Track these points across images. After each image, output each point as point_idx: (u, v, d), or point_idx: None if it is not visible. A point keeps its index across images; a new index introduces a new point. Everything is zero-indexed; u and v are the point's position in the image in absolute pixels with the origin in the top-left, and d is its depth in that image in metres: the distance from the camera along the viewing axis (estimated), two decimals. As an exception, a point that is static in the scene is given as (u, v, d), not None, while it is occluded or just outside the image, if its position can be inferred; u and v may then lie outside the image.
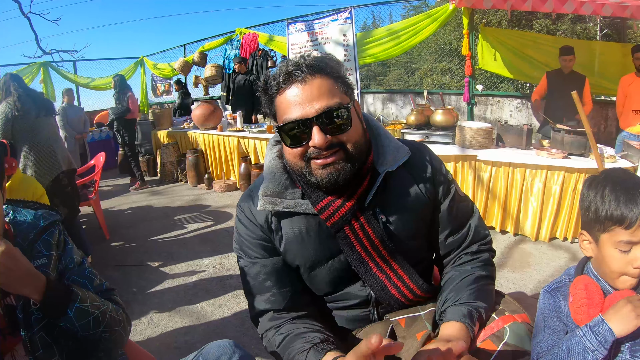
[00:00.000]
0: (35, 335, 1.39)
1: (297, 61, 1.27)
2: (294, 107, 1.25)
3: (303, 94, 1.24)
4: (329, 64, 1.28)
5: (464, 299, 1.31)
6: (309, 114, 1.22)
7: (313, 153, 1.27)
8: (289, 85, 1.26)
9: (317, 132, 1.22)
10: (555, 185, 4.12)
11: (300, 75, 1.24)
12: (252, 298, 1.46)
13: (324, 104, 1.22)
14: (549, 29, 13.09)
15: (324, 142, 1.23)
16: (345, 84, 1.31)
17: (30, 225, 1.50)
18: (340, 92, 1.28)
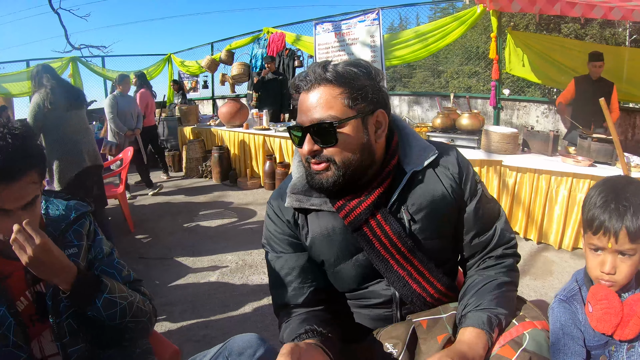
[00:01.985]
0: (63, 322, 1.44)
1: (313, 68, 1.32)
2: (299, 112, 1.33)
3: (305, 102, 1.31)
4: (344, 74, 1.29)
5: (485, 305, 1.31)
6: (304, 123, 1.30)
7: (307, 158, 1.35)
8: (300, 91, 1.33)
9: (307, 141, 1.30)
10: (580, 193, 4.07)
11: (307, 83, 1.30)
12: (275, 291, 1.51)
13: (317, 116, 1.28)
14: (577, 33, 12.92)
15: (308, 151, 1.30)
16: (356, 96, 1.30)
17: (62, 215, 1.55)
18: (343, 105, 1.28)
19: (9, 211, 1.29)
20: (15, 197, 1.28)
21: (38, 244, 1.25)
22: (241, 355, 1.31)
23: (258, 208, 6.09)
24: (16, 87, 10.30)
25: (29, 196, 1.32)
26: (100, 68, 12.03)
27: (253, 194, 6.87)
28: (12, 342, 1.35)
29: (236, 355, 1.32)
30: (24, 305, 1.43)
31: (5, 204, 1.27)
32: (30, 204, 1.33)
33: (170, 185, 7.82)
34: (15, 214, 1.29)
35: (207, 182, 7.95)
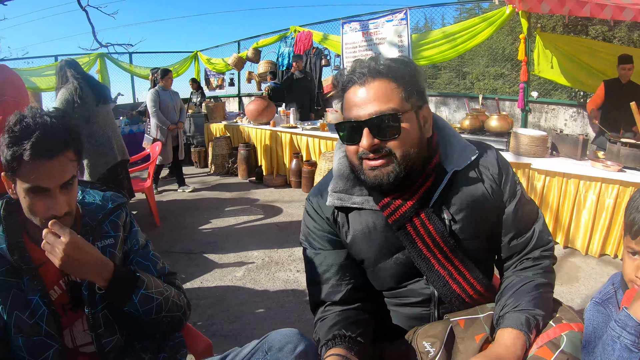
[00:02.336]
0: (98, 313, 1.45)
1: (365, 63, 1.33)
2: (352, 107, 1.31)
3: (360, 96, 1.30)
4: (397, 68, 1.31)
5: (523, 306, 1.31)
6: (362, 116, 1.28)
7: (362, 153, 1.32)
8: (352, 86, 1.32)
9: (366, 134, 1.28)
10: (609, 198, 4.02)
11: (362, 77, 1.30)
12: (312, 288, 1.52)
13: (376, 109, 1.27)
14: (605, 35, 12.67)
15: (370, 145, 1.28)
16: (411, 90, 1.32)
17: (99, 206, 1.56)
18: (399, 98, 1.29)
19: (47, 190, 1.30)
20: (54, 175, 1.30)
21: (67, 241, 1.26)
22: (281, 351, 1.30)
23: (284, 206, 6.13)
24: (44, 81, 10.47)
25: (67, 174, 1.33)
26: (128, 64, 12.18)
27: (279, 192, 6.91)
28: (45, 332, 1.37)
29: (276, 350, 1.31)
30: (57, 294, 1.45)
31: (44, 182, 1.29)
32: (68, 183, 1.35)
33: (196, 181, 7.90)
34: (53, 193, 1.31)
35: (233, 178, 8.02)
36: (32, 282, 1.37)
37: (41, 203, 1.32)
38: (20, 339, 1.35)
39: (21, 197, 1.33)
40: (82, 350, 1.50)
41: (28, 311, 1.36)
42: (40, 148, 1.26)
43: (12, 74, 2.60)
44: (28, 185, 1.29)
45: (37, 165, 1.27)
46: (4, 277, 1.35)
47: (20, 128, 1.28)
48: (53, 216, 1.31)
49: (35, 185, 1.29)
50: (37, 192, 1.30)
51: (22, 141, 1.26)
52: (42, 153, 1.27)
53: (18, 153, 1.26)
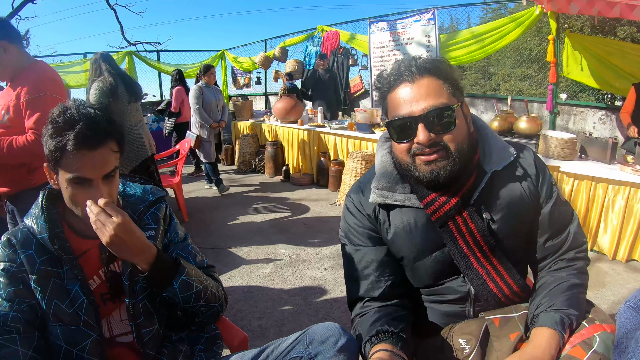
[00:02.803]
0: (138, 303, 1.47)
1: (409, 62, 1.36)
2: (403, 104, 1.34)
3: (411, 93, 1.33)
4: (439, 66, 1.36)
5: (557, 305, 1.33)
6: (415, 112, 1.31)
7: (417, 149, 1.34)
8: (399, 84, 1.35)
9: (422, 129, 1.30)
10: (638, 203, 3.98)
11: (410, 75, 1.33)
12: (351, 284, 1.54)
13: (430, 104, 1.30)
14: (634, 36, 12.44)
15: (427, 139, 1.30)
16: (454, 86, 1.38)
17: (140, 198, 1.59)
18: (447, 93, 1.34)
19: (90, 181, 1.33)
20: (97, 165, 1.33)
21: (119, 222, 1.28)
22: (323, 344, 1.32)
23: (311, 204, 6.17)
24: (73, 78, 10.64)
25: (109, 165, 1.36)
26: (156, 62, 12.31)
27: (306, 191, 6.94)
28: (84, 321, 1.39)
29: (318, 343, 1.33)
30: (96, 284, 1.47)
31: (87, 172, 1.32)
32: (110, 175, 1.38)
33: (223, 178, 7.89)
34: (95, 184, 1.34)
35: (259, 176, 8.09)
36: (71, 271, 1.40)
37: (84, 193, 1.34)
38: (58, 328, 1.38)
39: (63, 188, 1.37)
40: (118, 340, 1.53)
41: (67, 300, 1.39)
42: (83, 139, 1.29)
43: (51, 71, 2.69)
44: (71, 176, 1.32)
45: (80, 155, 1.30)
46: (44, 266, 1.38)
47: (64, 119, 1.31)
48: None
49: (78, 175, 1.32)
50: (79, 183, 1.34)
51: (66, 132, 1.29)
52: (85, 143, 1.30)
53: (62, 143, 1.29)
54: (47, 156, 1.36)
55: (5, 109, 2.52)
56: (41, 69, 2.64)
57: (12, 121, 2.50)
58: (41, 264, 1.38)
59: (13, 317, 1.32)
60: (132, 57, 11.71)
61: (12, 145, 2.43)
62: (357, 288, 1.51)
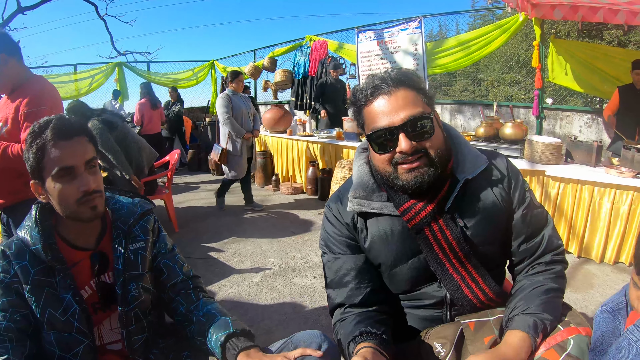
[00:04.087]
0: (130, 311, 1.54)
1: (383, 75, 1.39)
2: (381, 116, 1.36)
3: (389, 105, 1.35)
4: (412, 78, 1.40)
5: (531, 309, 1.35)
6: (395, 122, 1.34)
7: (400, 158, 1.37)
8: (376, 97, 1.37)
9: (403, 138, 1.33)
10: (624, 205, 4.02)
11: (386, 87, 1.36)
12: (331, 291, 1.56)
13: (409, 113, 1.33)
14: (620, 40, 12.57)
15: (410, 147, 1.33)
16: (427, 95, 1.41)
17: (129, 211, 1.66)
18: (422, 103, 1.38)
19: (73, 169, 1.41)
20: (77, 152, 1.42)
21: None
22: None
23: (300, 213, 6.19)
24: (63, 89, 10.66)
25: (89, 153, 1.45)
26: (146, 72, 12.35)
27: (296, 199, 6.96)
28: (76, 328, 1.45)
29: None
30: (87, 293, 1.52)
31: (69, 160, 1.40)
32: (92, 164, 1.46)
33: (214, 188, 7.88)
34: (79, 171, 1.42)
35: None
36: (64, 280, 1.46)
37: (71, 185, 1.42)
38: (52, 335, 1.44)
39: (52, 191, 1.43)
40: (109, 348, 1.58)
41: (61, 308, 1.44)
42: (59, 131, 1.40)
43: (51, 86, 2.72)
44: (56, 170, 1.40)
45: (59, 146, 1.39)
46: (38, 276, 1.43)
47: (38, 125, 1.42)
48: (85, 193, 1.42)
49: (62, 166, 1.40)
50: (64, 175, 1.41)
51: (43, 131, 1.40)
52: (62, 134, 1.40)
53: (40, 144, 1.39)
54: (30, 170, 1.44)
55: (4, 121, 2.55)
56: (41, 83, 2.68)
57: (9, 133, 2.53)
58: (35, 274, 1.43)
59: (6, 327, 1.37)
60: (122, 68, 11.74)
61: (7, 151, 2.46)
62: (338, 295, 1.53)
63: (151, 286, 1.66)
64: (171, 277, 1.70)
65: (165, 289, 1.69)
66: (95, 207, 1.46)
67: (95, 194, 1.45)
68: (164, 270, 1.70)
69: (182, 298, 1.67)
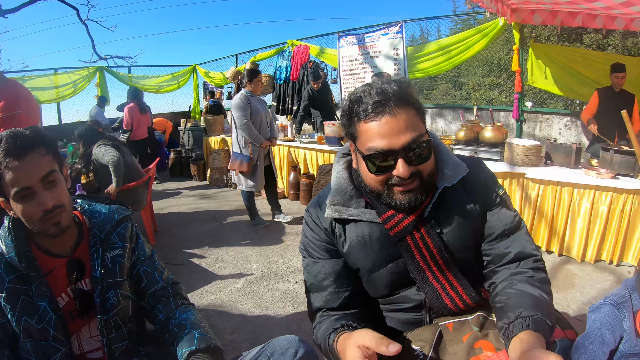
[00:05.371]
0: (110, 319, 1.52)
1: (384, 89, 1.31)
2: (381, 137, 1.29)
3: (390, 126, 1.29)
4: (411, 93, 1.34)
5: (534, 312, 1.24)
6: (396, 146, 1.28)
7: (395, 181, 1.34)
8: (377, 115, 1.30)
9: (402, 163, 1.29)
10: (603, 206, 4.07)
11: (389, 107, 1.28)
12: (310, 295, 1.57)
13: (410, 137, 1.28)
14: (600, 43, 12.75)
15: (408, 173, 1.30)
16: (422, 112, 1.37)
17: (106, 218, 1.64)
18: (420, 122, 1.34)
19: (29, 188, 1.38)
20: (29, 171, 1.37)
21: None
22: (284, 355, 1.37)
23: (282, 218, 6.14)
24: (44, 94, 10.56)
25: (42, 169, 1.40)
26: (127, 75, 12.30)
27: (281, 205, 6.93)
28: (53, 336, 1.43)
29: (279, 354, 1.38)
30: (64, 301, 1.50)
31: (23, 180, 1.36)
32: (49, 179, 1.41)
33: (196, 194, 7.95)
34: (36, 189, 1.38)
35: (231, 191, 8.02)
36: (40, 288, 1.43)
37: (31, 204, 1.39)
38: (29, 344, 1.41)
39: (16, 210, 1.41)
40: (89, 357, 1.56)
41: (36, 316, 1.42)
42: (10, 150, 1.35)
43: (24, 89, 2.69)
44: (14, 191, 1.37)
45: (12, 167, 1.35)
46: (13, 284, 1.41)
47: None
48: (45, 212, 1.39)
49: (18, 188, 1.37)
50: (23, 196, 1.38)
51: None
52: (13, 153, 1.35)
53: None
54: None
55: None
56: (16, 87, 2.65)
57: None
58: (10, 282, 1.41)
59: None
60: (103, 72, 11.62)
61: None
62: (317, 299, 1.53)
63: (130, 293, 1.64)
64: (151, 284, 1.69)
65: (145, 296, 1.68)
66: (59, 223, 1.44)
67: (56, 210, 1.42)
68: (144, 278, 1.69)
69: (162, 305, 1.66)
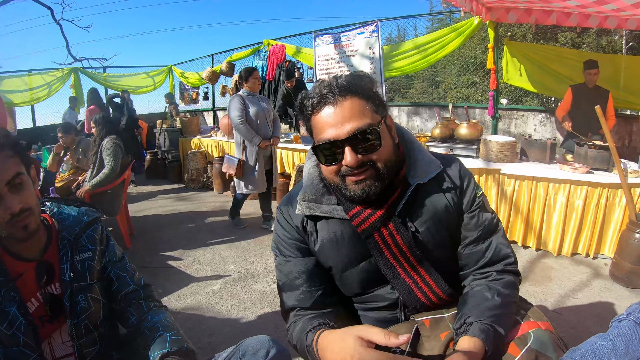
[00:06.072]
0: (80, 324, 1.49)
1: (330, 82, 1.33)
2: (327, 128, 1.31)
3: (335, 116, 1.30)
4: (360, 84, 1.34)
5: (485, 319, 1.28)
6: (341, 136, 1.29)
7: (346, 171, 1.33)
8: (322, 107, 1.32)
9: (349, 152, 1.29)
10: (578, 200, 4.13)
11: (332, 97, 1.30)
12: (283, 294, 1.54)
13: (355, 126, 1.28)
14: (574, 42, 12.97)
15: (355, 161, 1.29)
16: (377, 102, 1.36)
17: (75, 220, 1.60)
18: (370, 112, 1.33)
19: None
20: None
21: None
22: (255, 355, 1.35)
23: (260, 218, 6.06)
24: (18, 97, 10.43)
25: (8, 172, 1.35)
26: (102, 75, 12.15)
27: (254, 205, 6.78)
28: (23, 342, 1.38)
29: (250, 355, 1.35)
30: (34, 306, 1.46)
31: None
32: (15, 182, 1.36)
33: (172, 196, 7.86)
34: (5, 196, 1.33)
35: (208, 192, 7.98)
36: (8, 293, 1.38)
37: None
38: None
39: None
40: None
41: (6, 322, 1.37)
42: None
43: None
44: None
45: None
46: None
47: None
48: (12, 216, 1.34)
49: None
50: None
51: None
52: None
53: None
54: None
55: None
56: None
57: None
58: None
59: None
60: (77, 74, 11.48)
61: None
62: (290, 298, 1.51)
63: (101, 297, 1.60)
64: (122, 287, 1.65)
65: (117, 299, 1.64)
66: (27, 226, 1.39)
67: (24, 214, 1.37)
68: (115, 280, 1.65)
69: (134, 308, 1.63)
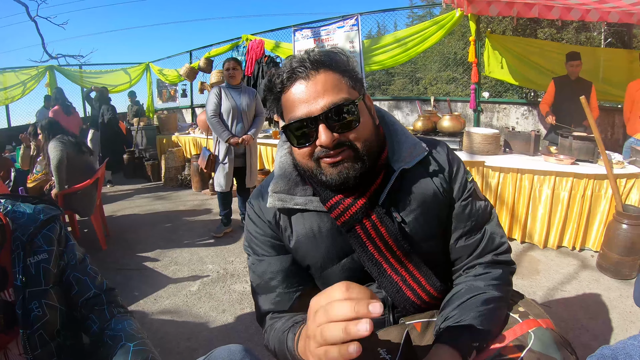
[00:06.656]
0: (34, 334, 1.36)
1: (301, 57, 1.21)
2: (299, 105, 1.19)
3: (307, 91, 1.18)
4: (335, 58, 1.22)
5: (466, 322, 1.21)
6: (314, 112, 1.16)
7: (321, 152, 1.20)
8: (293, 83, 1.20)
9: (324, 130, 1.15)
10: (564, 191, 4.09)
11: (304, 71, 1.18)
12: (257, 297, 1.42)
13: (330, 101, 1.16)
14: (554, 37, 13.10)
15: (331, 140, 1.16)
16: (353, 77, 1.24)
17: (30, 218, 1.48)
18: (347, 87, 1.20)
19: None
20: None
21: None
22: None
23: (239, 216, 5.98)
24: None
25: None
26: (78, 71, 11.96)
27: (233, 203, 6.75)
28: None
29: None
30: None
31: None
32: None
33: (150, 195, 7.71)
34: None
35: (186, 191, 7.84)
36: None
37: None
38: None
39: None
40: None
41: None
42: None
43: None
44: None
45: None
46: None
47: None
48: None
49: None
50: None
51: None
52: None
53: None
54: None
55: None
56: None
57: None
58: None
59: None
60: (53, 71, 11.30)
61: None
62: (265, 302, 1.39)
63: (59, 303, 1.47)
64: (83, 292, 1.53)
65: (77, 305, 1.52)
66: None
67: None
68: (74, 284, 1.52)
69: (96, 315, 1.51)
